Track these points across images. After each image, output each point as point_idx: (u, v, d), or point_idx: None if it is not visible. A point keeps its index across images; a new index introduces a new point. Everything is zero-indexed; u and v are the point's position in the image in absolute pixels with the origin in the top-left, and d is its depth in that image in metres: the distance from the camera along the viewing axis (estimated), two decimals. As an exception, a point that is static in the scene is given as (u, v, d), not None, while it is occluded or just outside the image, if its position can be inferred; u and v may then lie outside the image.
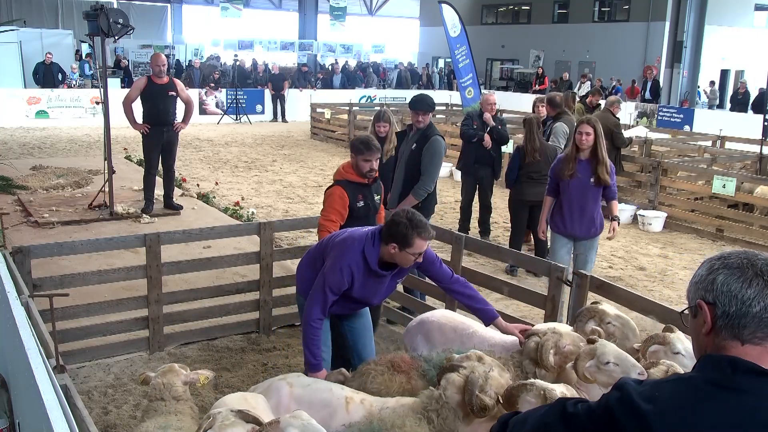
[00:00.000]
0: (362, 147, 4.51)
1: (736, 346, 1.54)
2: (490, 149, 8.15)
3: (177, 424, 2.89)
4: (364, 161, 4.52)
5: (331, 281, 3.57)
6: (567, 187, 5.79)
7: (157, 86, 8.62)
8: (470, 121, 8.32)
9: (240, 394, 3.23)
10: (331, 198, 4.51)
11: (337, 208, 4.48)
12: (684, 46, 24.46)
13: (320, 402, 3.06)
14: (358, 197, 4.56)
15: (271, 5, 38.59)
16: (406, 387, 3.26)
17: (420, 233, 3.48)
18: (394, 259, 3.57)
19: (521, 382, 2.84)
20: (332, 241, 3.77)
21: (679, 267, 7.92)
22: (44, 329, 3.19)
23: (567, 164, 5.75)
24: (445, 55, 30.83)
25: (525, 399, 2.68)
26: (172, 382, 3.07)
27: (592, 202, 5.77)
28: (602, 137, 5.66)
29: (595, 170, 5.65)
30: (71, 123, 18.28)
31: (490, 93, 10.26)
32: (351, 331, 4.08)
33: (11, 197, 9.56)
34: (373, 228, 3.72)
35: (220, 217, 9.23)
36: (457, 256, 5.08)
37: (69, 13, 30.78)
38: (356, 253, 3.58)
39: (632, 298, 4.08)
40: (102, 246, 5.11)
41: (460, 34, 16.56)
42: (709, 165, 10.81)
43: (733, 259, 1.58)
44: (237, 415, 2.54)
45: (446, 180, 12.55)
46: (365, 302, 3.83)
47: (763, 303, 1.51)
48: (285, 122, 21.45)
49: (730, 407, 1.46)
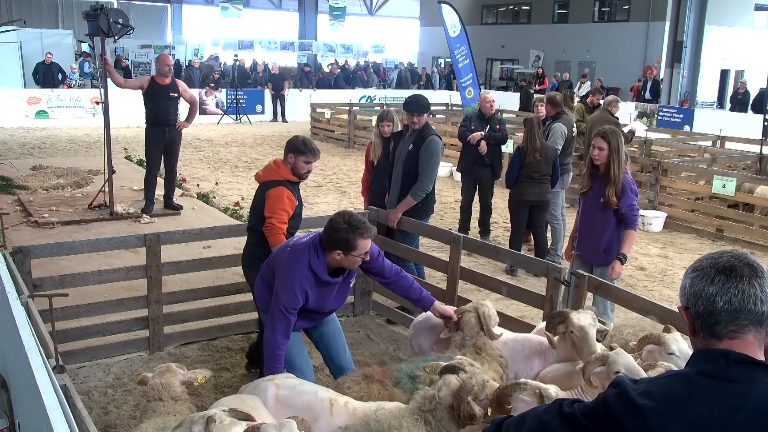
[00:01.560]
0: (304, 149, 4.43)
1: (715, 344, 1.59)
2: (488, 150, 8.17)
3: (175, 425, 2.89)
4: (305, 162, 4.46)
5: (286, 302, 3.53)
6: (581, 205, 5.29)
7: (159, 87, 8.66)
8: (468, 122, 8.34)
9: (237, 395, 3.24)
10: (280, 200, 4.39)
11: (287, 209, 4.42)
12: (684, 46, 24.43)
13: (304, 404, 3.06)
14: (298, 196, 4.55)
15: (271, 5, 38.59)
16: (383, 393, 3.30)
17: (362, 234, 3.47)
18: (342, 264, 3.58)
19: (514, 381, 2.85)
20: (278, 259, 3.69)
21: (679, 267, 7.91)
22: (44, 329, 3.20)
23: (583, 179, 5.22)
24: (445, 55, 30.83)
25: (519, 398, 2.68)
26: (170, 382, 3.07)
27: (602, 226, 5.04)
28: (619, 152, 4.93)
29: (605, 189, 4.97)
30: (71, 123, 18.30)
31: (488, 91, 10.23)
32: (321, 338, 4.02)
33: (11, 197, 9.57)
34: (312, 237, 3.63)
35: (220, 217, 9.24)
36: (455, 256, 5.09)
37: (69, 13, 30.78)
38: (303, 268, 3.53)
39: (630, 298, 4.08)
40: (102, 246, 5.12)
41: (459, 34, 16.56)
42: (709, 165, 10.82)
43: (701, 261, 1.65)
44: (231, 414, 2.56)
45: (446, 180, 12.55)
46: (323, 311, 3.81)
47: (725, 297, 1.56)
48: (285, 122, 21.46)
49: (723, 397, 1.51)
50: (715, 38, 24.82)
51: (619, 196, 4.93)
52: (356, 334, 5.65)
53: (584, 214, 5.19)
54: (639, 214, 5.09)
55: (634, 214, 4.97)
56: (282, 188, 4.41)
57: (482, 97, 8.60)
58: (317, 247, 3.56)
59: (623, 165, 4.97)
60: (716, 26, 24.68)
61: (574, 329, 3.42)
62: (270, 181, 4.46)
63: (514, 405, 2.67)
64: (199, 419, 2.52)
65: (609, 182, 4.93)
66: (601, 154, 4.93)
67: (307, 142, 4.49)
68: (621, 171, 4.94)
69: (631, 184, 5.00)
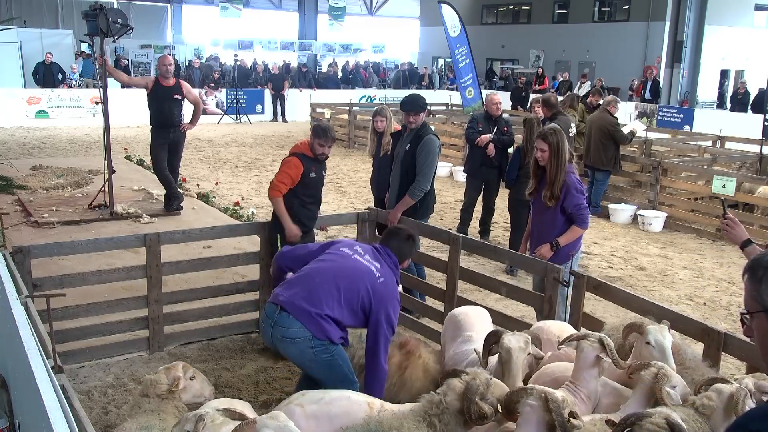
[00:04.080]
0: (321, 132, 5.19)
1: None
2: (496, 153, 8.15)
3: (160, 424, 2.90)
4: (319, 145, 5.20)
5: (395, 322, 3.67)
6: (531, 206, 5.30)
7: (162, 89, 8.69)
8: (475, 124, 8.30)
9: (226, 399, 3.25)
10: (288, 164, 5.21)
11: (290, 174, 5.17)
12: (684, 46, 24.44)
13: (342, 411, 2.97)
14: (312, 168, 5.24)
15: (271, 5, 38.56)
16: (418, 363, 3.74)
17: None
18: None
19: (521, 387, 2.84)
20: (370, 293, 3.61)
21: (679, 267, 7.92)
22: (43, 329, 3.20)
23: (531, 180, 5.19)
24: (445, 55, 30.84)
25: (526, 403, 2.67)
26: (159, 380, 3.08)
27: (549, 226, 5.02)
28: (559, 153, 4.87)
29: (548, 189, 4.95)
30: (71, 123, 18.29)
31: (494, 93, 10.22)
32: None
33: (11, 197, 9.56)
34: (386, 256, 3.79)
35: (220, 217, 9.24)
36: (455, 256, 5.09)
37: (69, 13, 30.74)
38: (395, 289, 3.78)
39: (630, 298, 4.09)
40: (102, 246, 5.12)
41: (459, 34, 16.57)
42: (709, 165, 10.82)
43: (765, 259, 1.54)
44: (223, 414, 2.56)
45: (446, 180, 12.55)
46: None
47: None
48: (285, 122, 21.46)
49: None
50: (715, 38, 24.82)
51: (564, 197, 4.91)
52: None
53: (534, 215, 5.22)
54: (587, 213, 5.05)
55: (581, 213, 4.95)
56: (293, 157, 5.22)
57: (489, 99, 8.58)
58: (391, 265, 3.80)
59: (564, 165, 4.91)
60: (716, 26, 24.69)
61: (502, 350, 3.31)
62: (291, 152, 5.30)
63: (522, 410, 2.67)
64: (192, 417, 2.53)
65: (547, 183, 4.95)
66: (544, 156, 4.92)
67: (325, 128, 5.26)
68: (560, 171, 4.90)
69: (576, 183, 4.98)
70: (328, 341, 3.50)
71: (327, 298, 3.52)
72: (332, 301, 3.53)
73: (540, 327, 3.94)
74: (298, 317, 3.47)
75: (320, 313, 3.48)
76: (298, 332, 3.46)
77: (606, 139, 9.87)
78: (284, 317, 3.50)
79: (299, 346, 3.48)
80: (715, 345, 3.49)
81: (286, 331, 3.48)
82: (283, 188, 5.18)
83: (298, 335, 3.46)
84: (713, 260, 8.21)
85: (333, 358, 3.54)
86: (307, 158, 5.22)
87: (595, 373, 3.15)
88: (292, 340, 3.48)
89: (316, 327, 3.46)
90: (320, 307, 3.49)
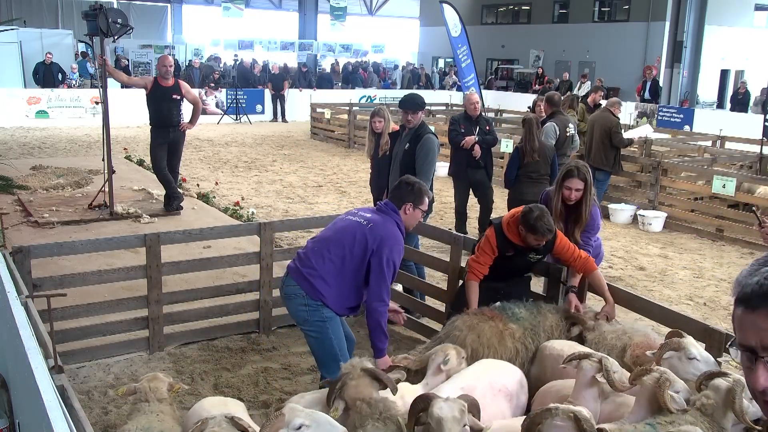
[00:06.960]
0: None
1: None
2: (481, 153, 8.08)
3: (159, 425, 2.92)
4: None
5: (397, 259, 3.85)
6: None
7: (162, 89, 8.70)
8: (457, 125, 8.08)
9: (220, 398, 3.25)
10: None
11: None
12: (684, 46, 24.44)
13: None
14: None
15: (271, 5, 38.56)
16: (496, 329, 3.83)
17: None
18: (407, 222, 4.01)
19: (543, 408, 2.62)
20: (358, 241, 3.84)
21: (679, 267, 7.92)
22: (43, 329, 3.20)
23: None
24: (445, 55, 30.85)
25: (552, 424, 2.51)
26: (158, 386, 3.15)
27: None
28: (591, 187, 4.61)
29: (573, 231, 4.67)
30: (71, 123, 18.29)
31: (472, 92, 9.94)
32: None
33: (11, 197, 9.56)
34: (367, 214, 3.97)
35: (220, 217, 9.23)
36: (455, 256, 5.09)
37: (69, 13, 30.74)
38: (390, 229, 3.88)
39: (630, 299, 4.09)
40: (102, 246, 5.12)
41: (460, 34, 16.57)
42: (709, 165, 10.82)
43: None
44: (230, 422, 2.56)
45: (446, 180, 12.51)
46: None
47: None
48: (285, 122, 21.46)
49: None
50: (715, 38, 24.83)
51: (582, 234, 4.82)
52: (356, 334, 5.62)
53: None
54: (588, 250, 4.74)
55: (584, 247, 4.68)
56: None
57: (467, 98, 8.36)
58: (394, 209, 3.95)
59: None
60: (716, 26, 24.69)
61: (431, 420, 2.66)
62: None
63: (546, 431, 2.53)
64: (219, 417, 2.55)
65: (578, 222, 4.76)
66: (578, 195, 4.69)
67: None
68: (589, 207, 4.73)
69: (597, 218, 4.82)
70: (321, 303, 3.83)
71: (317, 258, 3.88)
72: (321, 261, 3.86)
73: (545, 345, 3.89)
74: (294, 277, 3.93)
75: (311, 273, 3.85)
76: (293, 290, 3.90)
77: (607, 139, 9.87)
78: (286, 278, 4.02)
79: (294, 302, 3.90)
80: (717, 345, 3.49)
81: (286, 288, 3.97)
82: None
83: (293, 292, 3.90)
84: (713, 260, 8.21)
85: (325, 324, 3.85)
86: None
87: (595, 393, 3.09)
88: (288, 297, 3.94)
89: (309, 286, 3.84)
90: (310, 266, 3.87)
